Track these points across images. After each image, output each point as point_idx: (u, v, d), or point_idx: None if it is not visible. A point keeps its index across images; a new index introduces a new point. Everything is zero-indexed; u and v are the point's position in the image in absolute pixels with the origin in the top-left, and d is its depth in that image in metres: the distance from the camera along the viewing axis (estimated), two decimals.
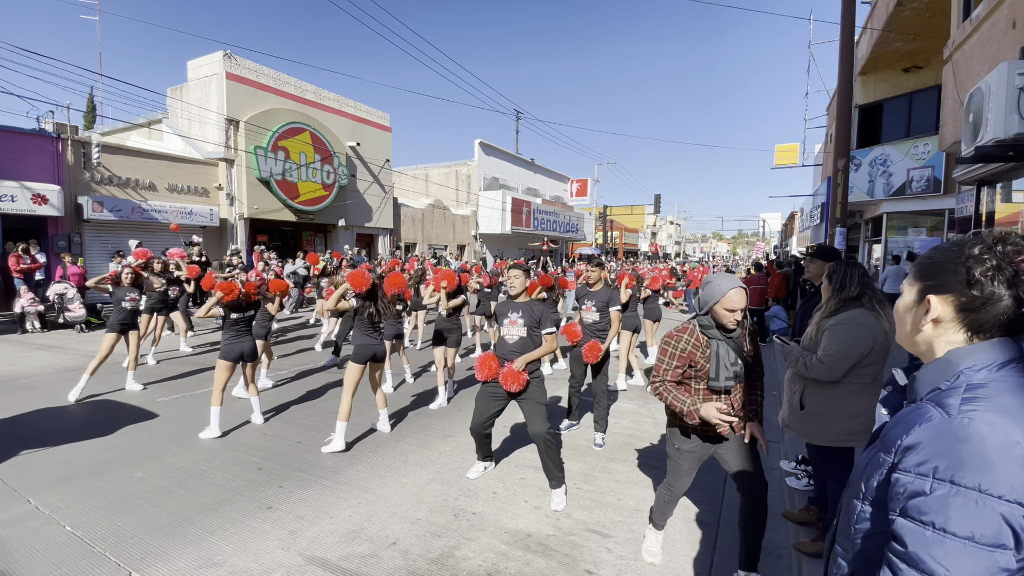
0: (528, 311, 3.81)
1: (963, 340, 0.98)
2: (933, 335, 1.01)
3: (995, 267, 0.92)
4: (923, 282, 1.02)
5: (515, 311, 3.82)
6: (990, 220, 7.79)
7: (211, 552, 3.02)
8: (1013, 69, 5.05)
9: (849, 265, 2.82)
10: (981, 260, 0.93)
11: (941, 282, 0.98)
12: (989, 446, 0.82)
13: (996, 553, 0.79)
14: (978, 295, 0.93)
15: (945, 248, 1.01)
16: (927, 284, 1.01)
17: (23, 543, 3.09)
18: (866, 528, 0.99)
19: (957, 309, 0.96)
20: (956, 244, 0.99)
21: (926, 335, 1.02)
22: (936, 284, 0.99)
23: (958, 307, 0.96)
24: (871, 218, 14.96)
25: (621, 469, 4.25)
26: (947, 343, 0.99)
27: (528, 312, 3.80)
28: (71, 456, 4.35)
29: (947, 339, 0.99)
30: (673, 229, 70.83)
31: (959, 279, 0.95)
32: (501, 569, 2.89)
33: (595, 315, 5.00)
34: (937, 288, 0.98)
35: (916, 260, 1.09)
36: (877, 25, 11.55)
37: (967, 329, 0.97)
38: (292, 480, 3.98)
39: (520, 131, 32.23)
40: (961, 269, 0.95)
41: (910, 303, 1.05)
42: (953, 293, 0.96)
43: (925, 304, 1.00)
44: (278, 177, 16.43)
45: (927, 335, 1.02)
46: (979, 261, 0.93)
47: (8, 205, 11.03)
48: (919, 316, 1.02)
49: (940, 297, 0.98)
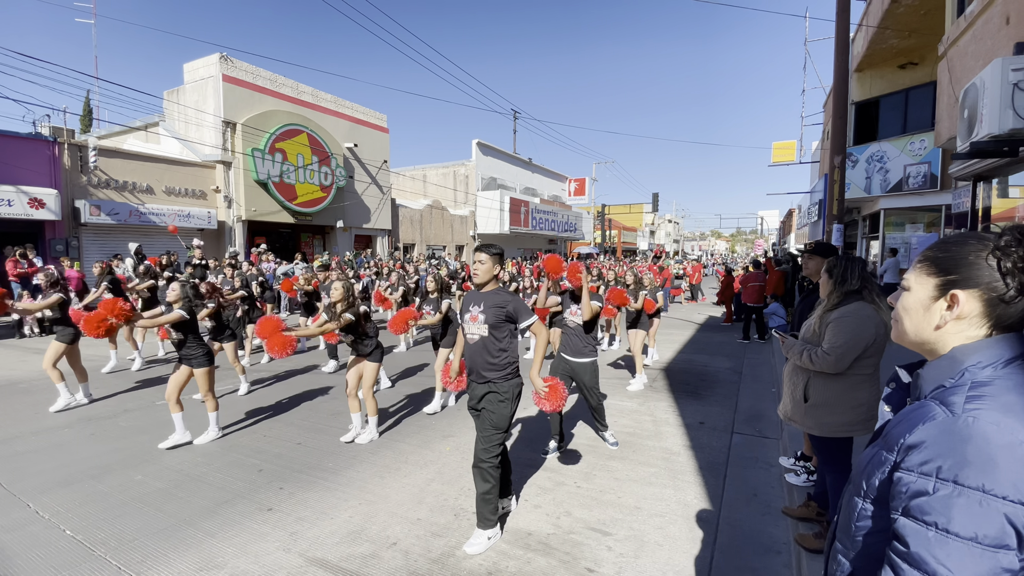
0: (491, 304, 3.08)
1: (983, 335, 0.95)
2: (954, 331, 0.97)
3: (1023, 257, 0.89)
4: (943, 276, 0.97)
5: (477, 304, 3.13)
6: (986, 215, 7.82)
7: (212, 554, 3.02)
8: (1007, 65, 5.06)
9: (849, 259, 2.87)
10: (1010, 252, 0.90)
11: (966, 276, 0.94)
12: (993, 445, 0.81)
13: (999, 554, 0.79)
14: (1011, 286, 0.90)
15: (961, 242, 0.98)
16: (949, 279, 0.96)
17: (24, 548, 3.08)
18: (867, 526, 0.98)
19: (985, 303, 0.93)
20: (973, 237, 0.96)
21: (947, 332, 0.98)
22: (961, 278, 0.95)
23: (987, 301, 0.93)
24: (869, 214, 14.99)
25: (621, 467, 4.26)
26: (966, 339, 0.96)
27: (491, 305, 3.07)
28: (70, 460, 4.35)
29: (967, 335, 0.96)
30: (671, 227, 70.91)
31: (988, 272, 0.92)
32: (502, 568, 2.89)
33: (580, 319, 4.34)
34: (962, 283, 0.94)
35: (923, 255, 1.03)
36: (873, 22, 11.57)
37: (992, 324, 0.94)
38: (292, 482, 3.98)
39: (517, 131, 32.24)
40: (991, 261, 0.92)
41: (926, 299, 1.00)
42: (981, 287, 0.93)
43: (949, 299, 0.96)
44: (276, 179, 16.43)
45: (947, 332, 0.98)
46: (1009, 252, 0.90)
47: (5, 209, 11.02)
48: (939, 312, 0.98)
49: (967, 292, 0.94)
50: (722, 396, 6.34)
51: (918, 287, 1.02)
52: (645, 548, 3.08)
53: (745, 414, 5.61)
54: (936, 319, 0.99)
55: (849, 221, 16.49)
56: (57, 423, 5.28)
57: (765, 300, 10.40)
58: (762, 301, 10.32)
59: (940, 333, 0.99)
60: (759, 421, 5.35)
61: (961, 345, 0.96)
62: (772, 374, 7.27)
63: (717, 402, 6.08)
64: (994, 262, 0.92)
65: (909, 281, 1.05)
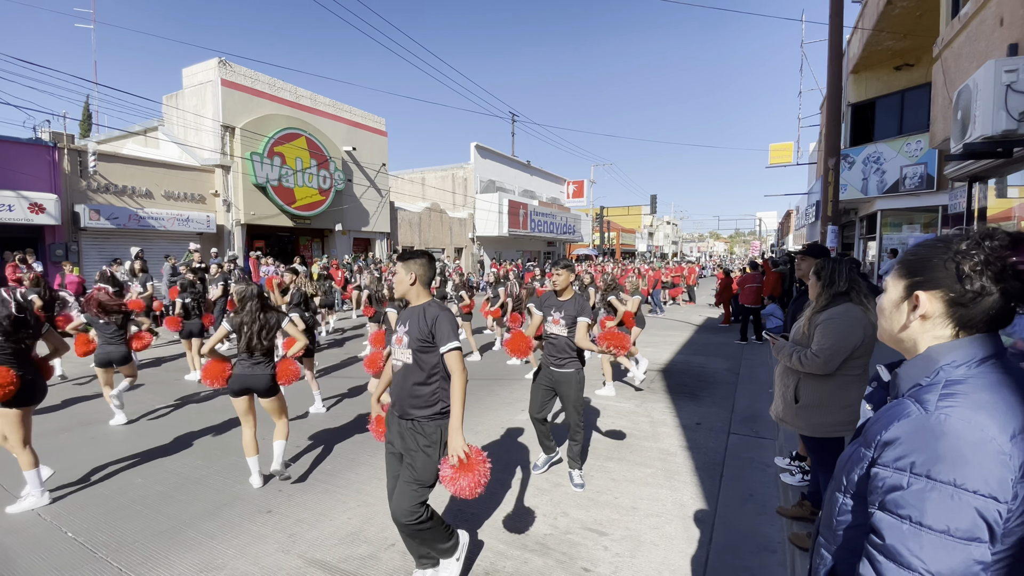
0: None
1: (950, 335, 0.98)
2: (920, 331, 1.01)
3: (983, 262, 0.92)
4: (910, 278, 1.02)
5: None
6: (982, 216, 7.85)
7: (212, 556, 3.05)
8: (1000, 66, 5.10)
9: (837, 261, 2.90)
10: (969, 255, 0.93)
11: (929, 278, 0.98)
12: (964, 442, 0.84)
13: (971, 546, 0.81)
14: (968, 290, 0.93)
15: (930, 244, 1.01)
16: (914, 280, 1.00)
17: (26, 549, 3.11)
18: (848, 521, 1.01)
19: (947, 304, 0.96)
20: (941, 240, 1.00)
21: (913, 331, 1.02)
22: (924, 280, 0.99)
23: (948, 302, 0.96)
24: (866, 215, 15.03)
25: (618, 468, 4.29)
26: (933, 338, 0.99)
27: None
28: (71, 463, 4.37)
29: (934, 335, 0.99)
30: (670, 229, 70.94)
31: (948, 274, 0.95)
32: (499, 568, 2.92)
33: (563, 328, 3.91)
34: (925, 284, 0.98)
35: (899, 257, 1.09)
36: (868, 24, 11.63)
37: (955, 324, 0.97)
38: (291, 484, 4.00)
39: (516, 134, 32.27)
40: (951, 264, 0.95)
41: (896, 299, 1.05)
42: (942, 288, 0.96)
43: (913, 300, 1.00)
44: (274, 183, 16.46)
45: (914, 331, 1.02)
46: (968, 256, 0.93)
47: (5, 214, 11.05)
48: (906, 312, 1.03)
49: (929, 293, 0.98)
50: (719, 397, 6.37)
51: (892, 288, 1.07)
52: (641, 548, 3.11)
53: (742, 415, 5.64)
54: (903, 318, 1.04)
55: (846, 222, 16.53)
56: (57, 427, 5.30)
57: (762, 301, 10.43)
58: (759, 302, 10.35)
59: (907, 332, 1.03)
60: (755, 422, 5.38)
61: (937, 344, 0.99)
62: (769, 375, 7.30)
63: (714, 403, 6.11)
64: (953, 266, 0.95)
65: (887, 282, 1.10)
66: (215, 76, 15.51)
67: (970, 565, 0.82)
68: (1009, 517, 0.85)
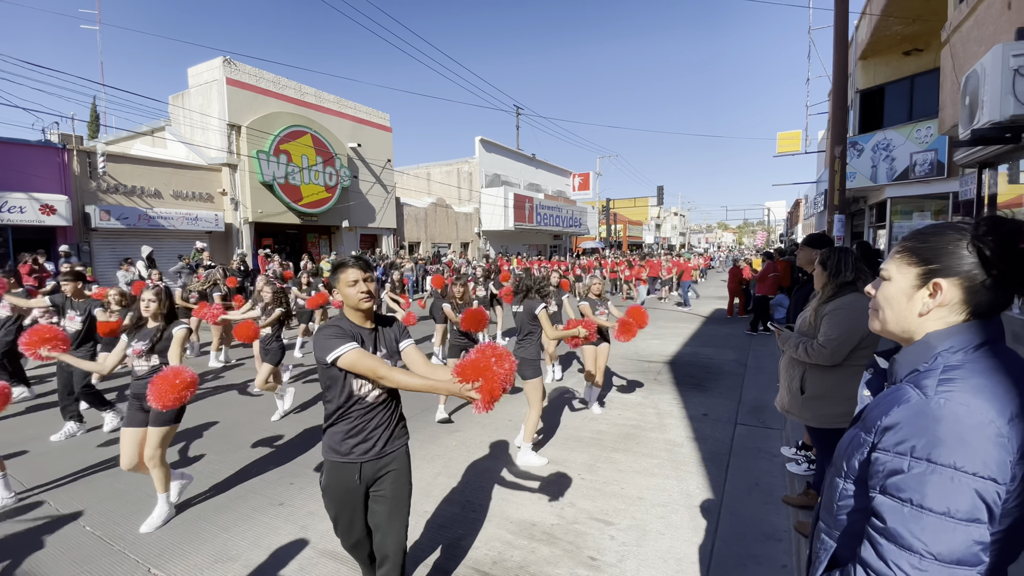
0: None
1: (963, 320, 0.99)
2: (935, 318, 1.01)
3: (1000, 247, 0.93)
4: (924, 265, 1.01)
5: None
6: (992, 203, 7.76)
7: (226, 547, 3.12)
8: (1008, 51, 5.02)
9: (842, 251, 2.87)
10: (987, 241, 0.94)
11: (946, 265, 0.97)
12: (964, 425, 0.85)
13: (971, 527, 0.83)
14: (990, 275, 0.94)
15: (940, 232, 1.01)
16: (931, 268, 1.00)
17: (45, 543, 3.20)
18: (849, 505, 1.03)
19: (966, 291, 0.96)
20: (951, 227, 1.00)
21: (928, 318, 1.01)
22: (942, 267, 0.98)
23: (967, 289, 0.96)
24: (875, 204, 14.86)
25: (624, 459, 4.31)
26: (945, 324, 1.00)
27: None
28: (87, 458, 4.47)
29: (947, 320, 0.99)
30: (677, 220, 70.46)
31: (967, 261, 0.95)
32: (507, 557, 2.96)
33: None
34: (943, 271, 0.98)
35: (902, 245, 1.07)
36: (876, 9, 11.46)
37: (971, 310, 0.97)
38: (303, 477, 4.07)
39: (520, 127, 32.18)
40: (971, 250, 0.95)
41: (908, 288, 1.03)
42: (960, 275, 0.96)
43: (931, 288, 1.00)
44: (281, 180, 16.55)
45: (929, 318, 1.01)
46: (985, 242, 0.94)
47: (17, 216, 11.22)
48: (922, 300, 1.02)
49: (948, 280, 0.97)
50: (727, 388, 6.37)
51: (900, 276, 1.05)
52: (647, 537, 3.14)
53: (749, 405, 5.64)
54: (919, 307, 1.03)
55: (856, 211, 16.35)
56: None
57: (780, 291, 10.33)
58: (777, 293, 10.24)
59: (923, 320, 1.02)
60: (763, 412, 5.39)
61: (934, 331, 1.00)
62: (777, 366, 7.28)
63: (721, 394, 6.12)
64: (974, 251, 0.95)
65: (889, 271, 1.07)
66: (220, 75, 15.59)
67: (970, 545, 0.83)
68: (1007, 498, 0.86)
